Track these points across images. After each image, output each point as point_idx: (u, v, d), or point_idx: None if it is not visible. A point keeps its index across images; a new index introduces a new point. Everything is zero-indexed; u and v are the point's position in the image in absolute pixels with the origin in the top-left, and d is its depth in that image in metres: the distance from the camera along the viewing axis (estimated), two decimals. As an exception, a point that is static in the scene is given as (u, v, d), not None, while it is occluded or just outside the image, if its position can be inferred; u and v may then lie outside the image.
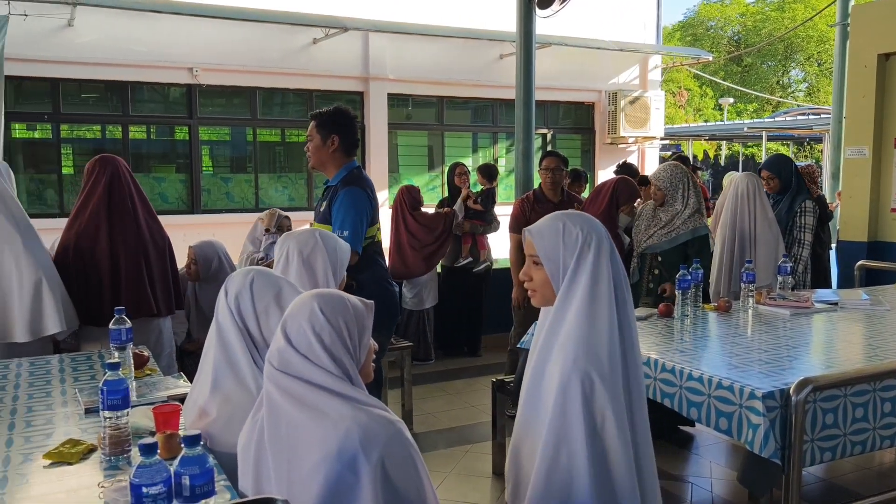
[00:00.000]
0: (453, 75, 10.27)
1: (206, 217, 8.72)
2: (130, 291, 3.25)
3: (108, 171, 3.31)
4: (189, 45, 8.60)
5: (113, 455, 1.89)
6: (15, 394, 2.48)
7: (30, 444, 2.03)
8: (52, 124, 8.54)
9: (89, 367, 2.80)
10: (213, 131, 9.45)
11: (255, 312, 2.03)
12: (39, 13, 7.60)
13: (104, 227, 3.25)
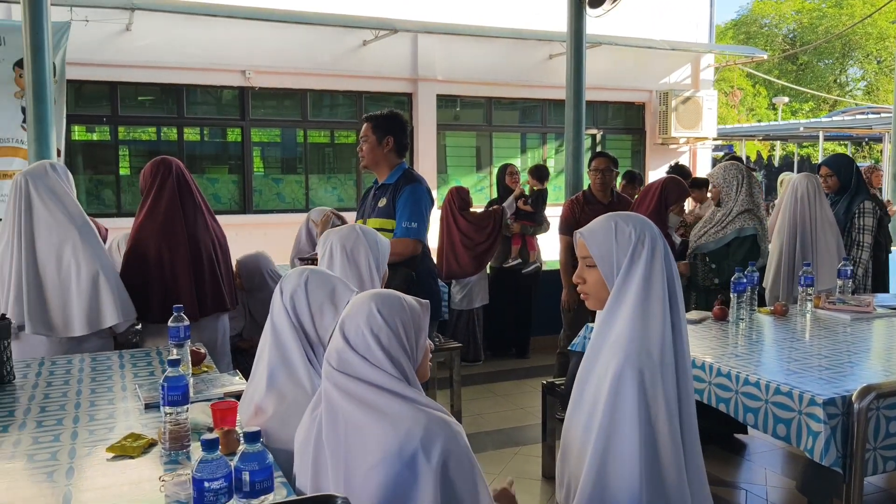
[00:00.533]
0: (502, 76, 10.25)
1: (258, 217, 8.86)
2: (209, 288, 3.32)
3: (173, 171, 3.39)
4: (242, 48, 8.75)
5: (173, 450, 1.93)
6: (78, 388, 2.55)
7: (93, 437, 2.09)
8: (110, 126, 8.77)
9: (148, 364, 2.86)
10: (264, 133, 9.60)
11: (311, 311, 2.05)
12: (99, 19, 7.81)
13: (180, 226, 3.33)
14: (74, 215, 3.15)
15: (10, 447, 2.01)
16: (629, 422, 1.66)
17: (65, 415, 2.28)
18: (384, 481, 1.56)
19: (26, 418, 2.25)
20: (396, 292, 1.76)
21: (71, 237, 3.08)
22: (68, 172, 3.33)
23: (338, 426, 1.66)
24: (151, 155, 9.32)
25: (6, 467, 1.89)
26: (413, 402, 1.60)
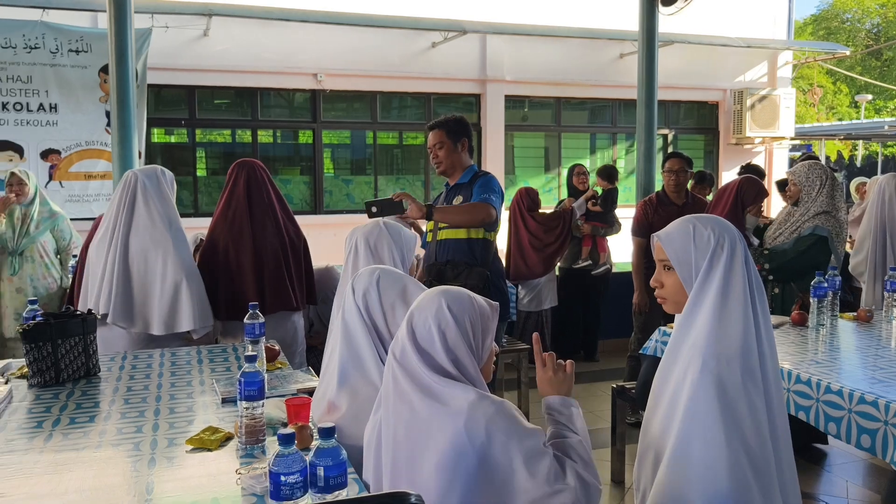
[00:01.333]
0: (571, 75, 10.15)
1: (328, 217, 9.01)
2: (273, 287, 3.41)
3: (245, 173, 3.49)
4: (314, 51, 8.91)
5: (248, 444, 1.98)
6: (159, 382, 2.64)
7: (173, 429, 2.16)
8: (187, 129, 9.05)
9: (224, 360, 2.94)
10: (333, 134, 9.75)
11: (383, 309, 2.08)
12: (178, 25, 8.08)
13: (247, 227, 3.43)
14: (171, 221, 3.28)
15: (97, 437, 2.10)
16: (711, 428, 1.61)
17: (146, 407, 2.36)
18: (440, 472, 1.58)
19: (111, 409, 2.34)
20: (467, 291, 1.76)
21: (163, 242, 3.21)
22: (174, 181, 3.47)
23: (393, 419, 1.69)
24: (226, 156, 9.63)
25: (94, 455, 1.97)
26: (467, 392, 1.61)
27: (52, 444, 2.05)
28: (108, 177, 7.61)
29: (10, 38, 7.25)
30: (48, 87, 7.42)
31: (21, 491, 1.75)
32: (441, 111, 9.82)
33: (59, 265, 4.81)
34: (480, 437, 1.57)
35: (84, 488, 1.77)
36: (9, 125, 7.34)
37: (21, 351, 4.31)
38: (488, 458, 1.58)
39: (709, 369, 1.64)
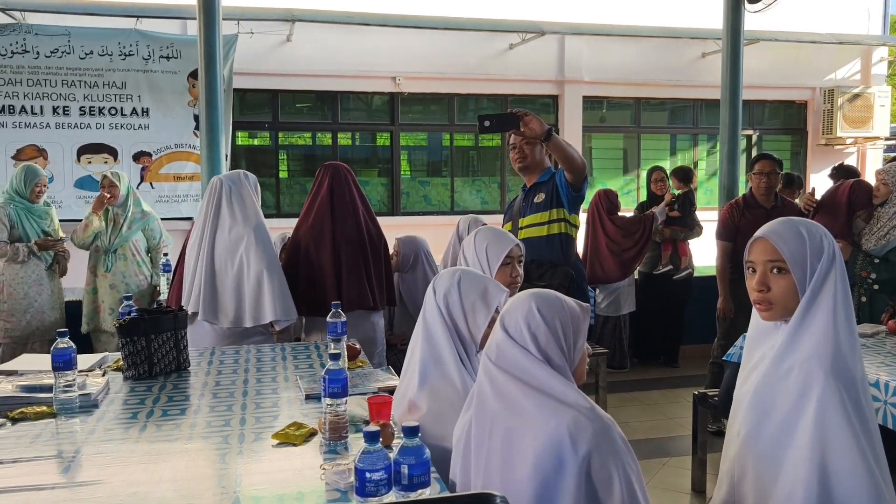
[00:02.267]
0: (651, 75, 9.95)
1: (405, 219, 9.10)
2: (351, 286, 3.48)
3: (329, 175, 3.59)
4: (392, 55, 9.02)
5: (332, 440, 2.01)
6: (245, 377, 2.72)
7: (260, 423, 2.22)
8: (270, 132, 9.29)
9: (307, 357, 3.01)
10: (410, 136, 9.84)
11: (464, 310, 2.09)
12: (263, 31, 8.30)
13: (328, 227, 3.52)
14: (253, 219, 3.39)
15: (188, 429, 2.18)
16: (846, 442, 1.55)
17: (234, 401, 2.44)
18: (534, 473, 1.57)
19: (200, 403, 2.42)
20: (556, 293, 1.75)
21: (244, 238, 3.32)
22: (258, 184, 3.60)
23: (489, 423, 1.69)
24: (307, 159, 9.83)
25: (185, 447, 2.04)
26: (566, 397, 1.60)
27: (146, 435, 2.14)
28: (195, 178, 7.89)
29: (107, 46, 7.60)
30: (141, 93, 7.75)
31: (119, 478, 1.83)
32: (518, 113, 9.77)
33: (149, 263, 5.00)
34: (584, 445, 1.56)
35: (177, 478, 1.84)
36: (104, 129, 7.69)
37: (115, 343, 4.54)
38: (588, 468, 1.56)
39: (834, 383, 1.57)
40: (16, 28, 7.39)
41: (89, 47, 7.56)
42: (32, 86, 7.47)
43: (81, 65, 7.57)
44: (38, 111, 7.52)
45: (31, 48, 7.42)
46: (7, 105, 7.44)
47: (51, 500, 1.72)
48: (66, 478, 1.87)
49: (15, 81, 7.43)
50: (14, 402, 2.33)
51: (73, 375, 2.33)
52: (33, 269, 4.61)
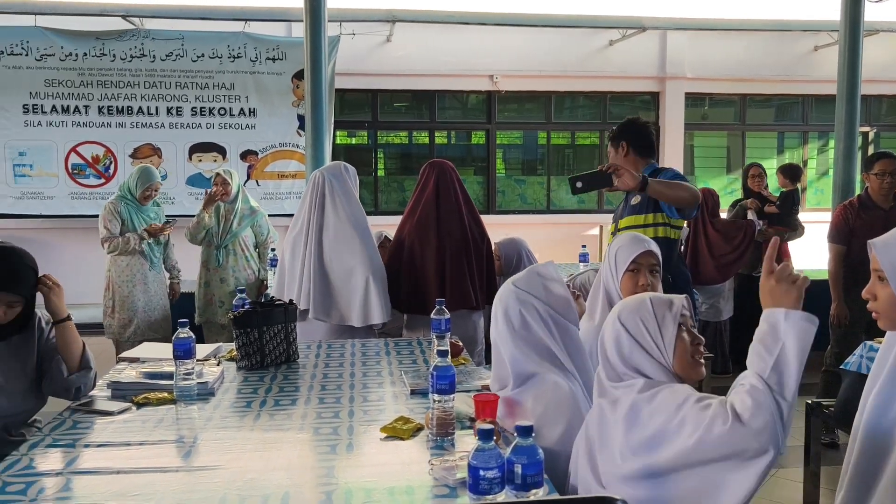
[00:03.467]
0: (757, 71, 9.57)
1: (501, 217, 9.08)
2: (454, 285, 3.49)
3: (435, 173, 3.60)
4: (490, 53, 9.01)
5: (439, 436, 2.03)
6: (351, 371, 2.78)
7: (367, 416, 2.27)
8: (368, 131, 9.46)
9: (410, 353, 3.05)
10: (504, 134, 9.81)
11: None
12: (364, 32, 8.46)
13: (433, 225, 3.53)
14: (358, 218, 3.47)
15: (299, 419, 2.25)
16: None
17: (341, 394, 2.49)
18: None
19: (310, 394, 2.49)
20: (647, 293, 1.76)
21: (352, 241, 3.40)
22: (356, 176, 3.66)
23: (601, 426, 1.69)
24: (404, 157, 9.94)
25: (297, 437, 2.11)
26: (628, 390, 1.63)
27: (260, 424, 2.22)
28: (298, 176, 8.12)
29: (217, 49, 7.92)
30: (248, 93, 8.04)
31: (236, 465, 1.91)
32: (616, 110, 9.61)
33: (257, 258, 5.16)
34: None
35: (290, 467, 1.90)
36: (214, 128, 8.03)
37: (224, 335, 4.71)
38: None
39: None
40: (135, 34, 7.80)
41: (201, 50, 7.91)
42: (149, 88, 7.87)
43: (193, 67, 7.92)
44: (153, 112, 7.92)
45: (148, 52, 7.82)
46: (126, 106, 7.87)
47: (175, 482, 1.80)
48: (188, 462, 1.96)
49: (133, 84, 7.85)
50: (138, 388, 2.46)
51: (192, 364, 2.45)
52: (138, 267, 4.77)
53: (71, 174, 7.84)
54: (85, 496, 1.73)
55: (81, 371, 2.43)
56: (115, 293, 4.74)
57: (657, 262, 2.55)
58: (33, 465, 1.91)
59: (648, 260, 2.52)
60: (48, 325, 2.44)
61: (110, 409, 2.30)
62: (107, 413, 2.28)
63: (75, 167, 7.84)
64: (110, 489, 1.76)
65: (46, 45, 7.66)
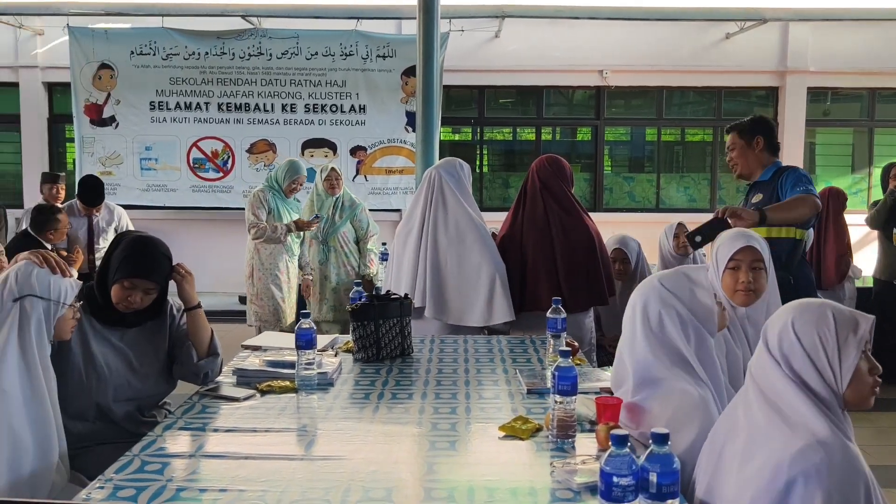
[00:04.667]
0: (889, 63, 8.98)
1: (608, 215, 8.88)
2: (565, 285, 3.41)
3: (548, 169, 3.53)
4: (600, 48, 8.84)
5: (559, 438, 1.99)
6: (466, 367, 2.77)
7: (484, 414, 2.25)
8: (473, 128, 9.47)
9: (524, 351, 3.02)
10: (610, 131, 9.61)
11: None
12: (473, 28, 8.47)
13: (543, 222, 3.47)
14: (474, 216, 3.45)
15: (417, 413, 2.25)
16: None
17: (457, 390, 2.49)
18: (768, 493, 1.48)
19: (426, 389, 2.50)
20: (828, 302, 1.60)
21: (473, 236, 3.38)
22: (470, 172, 3.65)
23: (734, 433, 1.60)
24: (507, 154, 9.89)
25: (417, 431, 2.11)
26: (808, 422, 1.48)
27: (379, 416, 2.24)
28: (405, 172, 8.23)
29: (330, 47, 8.12)
30: (358, 90, 8.20)
31: (359, 456, 1.93)
32: (730, 107, 9.25)
33: (357, 254, 5.15)
34: (809, 479, 1.43)
35: (411, 461, 1.90)
36: (325, 125, 8.24)
37: (324, 329, 4.78)
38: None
39: None
40: (253, 33, 8.10)
41: (315, 48, 8.12)
42: (265, 85, 8.16)
43: (307, 65, 8.15)
44: (269, 108, 8.20)
45: (265, 51, 8.10)
46: (244, 103, 8.18)
47: (300, 470, 1.84)
48: (311, 451, 2.00)
49: (250, 81, 8.16)
50: (262, 376, 2.53)
51: (313, 355, 2.50)
52: (280, 258, 4.89)
53: (192, 168, 8.22)
54: (216, 479, 1.79)
55: (209, 357, 2.52)
56: (258, 281, 4.88)
57: (761, 258, 2.42)
58: (168, 447, 2.00)
59: (750, 256, 2.41)
60: (179, 312, 2.55)
61: (236, 395, 2.38)
62: (233, 399, 2.36)
63: (196, 161, 8.22)
64: (240, 474, 1.81)
65: (172, 45, 8.05)
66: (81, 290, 2.24)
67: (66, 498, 1.90)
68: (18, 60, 8.59)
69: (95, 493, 1.71)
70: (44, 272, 2.11)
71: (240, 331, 4.94)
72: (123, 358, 2.40)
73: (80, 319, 2.26)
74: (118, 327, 2.42)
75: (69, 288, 2.16)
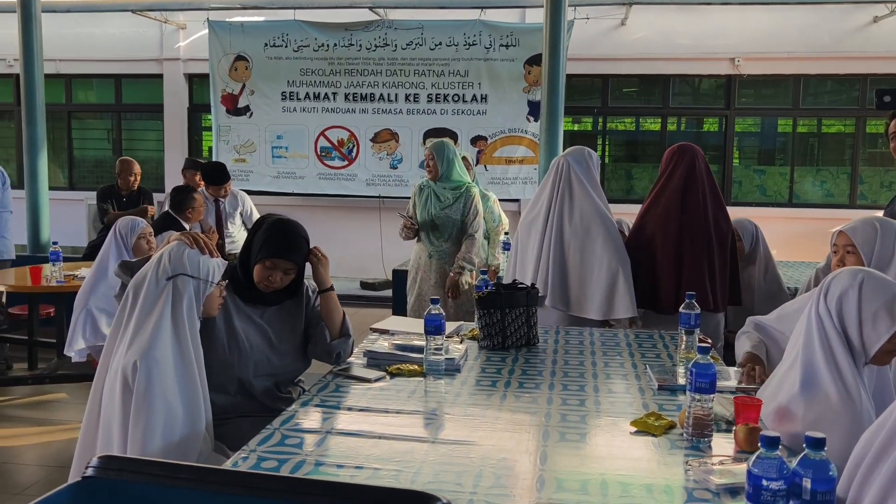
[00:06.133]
0: None
1: (738, 210, 8.43)
2: (690, 284, 3.24)
3: (686, 160, 3.38)
4: (732, 35, 8.47)
5: (694, 436, 1.93)
6: (592, 360, 2.73)
7: (614, 408, 2.21)
8: (594, 117, 9.29)
9: (652, 346, 2.94)
10: (740, 122, 9.19)
11: (860, 317, 1.86)
12: (598, 16, 8.31)
13: (675, 217, 3.33)
14: (601, 207, 3.37)
15: (545, 404, 2.24)
16: None
17: (585, 382, 2.46)
18: None
19: (553, 380, 2.48)
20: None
21: (597, 230, 3.31)
22: (599, 162, 3.57)
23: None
24: (629, 145, 9.66)
25: (546, 422, 2.09)
26: None
27: (507, 404, 2.24)
28: (525, 162, 8.19)
29: (454, 37, 8.17)
30: (481, 80, 8.22)
31: (489, 442, 1.94)
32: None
33: (487, 245, 5.13)
34: None
35: (541, 451, 1.89)
36: (448, 114, 8.32)
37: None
38: None
39: None
40: (379, 24, 8.27)
41: (438, 39, 8.20)
42: (390, 76, 8.32)
43: (431, 55, 8.24)
44: (393, 98, 8.36)
45: (391, 42, 8.25)
46: (368, 93, 8.38)
47: (432, 452, 1.87)
48: (442, 434, 2.02)
49: (376, 72, 8.34)
50: (391, 359, 2.59)
51: (442, 340, 2.53)
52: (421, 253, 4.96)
53: (319, 156, 8.51)
54: (352, 456, 1.84)
55: (342, 338, 2.60)
56: (410, 272, 4.97)
57: (850, 242, 2.52)
58: (305, 422, 2.08)
59: (842, 241, 2.55)
60: (314, 293, 2.64)
61: (368, 376, 2.45)
62: (364, 380, 2.43)
63: (323, 150, 8.50)
64: (373, 452, 1.86)
65: (303, 38, 8.34)
66: (226, 269, 2.36)
67: (212, 465, 2.01)
68: (163, 53, 9.15)
69: (241, 463, 1.80)
70: (194, 252, 2.24)
71: (361, 314, 5.08)
72: (263, 335, 2.52)
73: (225, 298, 2.38)
74: (258, 306, 2.54)
75: (216, 267, 2.28)
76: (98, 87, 9.87)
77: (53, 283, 4.47)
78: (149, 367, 2.06)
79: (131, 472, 1.07)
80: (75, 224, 8.73)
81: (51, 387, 4.87)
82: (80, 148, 9.95)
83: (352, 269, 8.23)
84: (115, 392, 2.10)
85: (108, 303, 3.79)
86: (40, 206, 6.68)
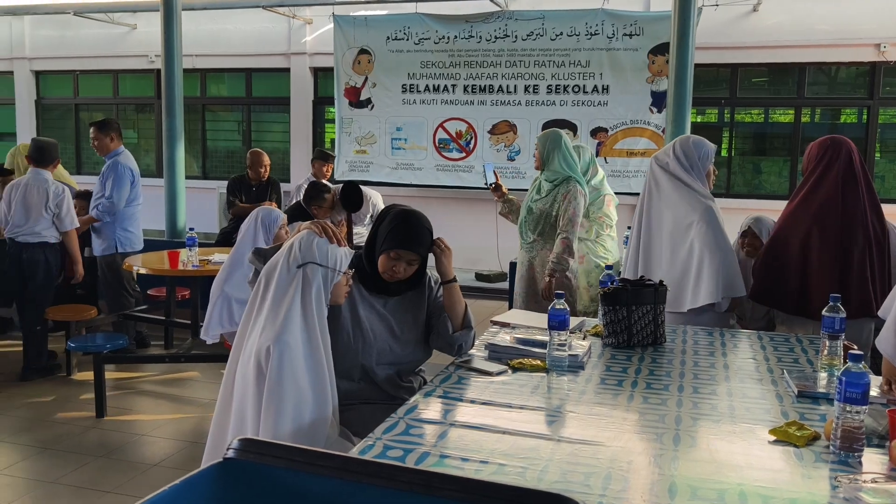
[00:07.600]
0: None
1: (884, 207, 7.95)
2: (854, 289, 3.00)
3: (842, 155, 3.11)
4: (877, 19, 7.88)
5: (843, 450, 1.80)
6: (724, 361, 2.60)
7: (750, 414, 2.09)
8: (720, 108, 8.87)
9: (789, 350, 2.77)
10: (884, 112, 8.54)
11: None
12: (728, 2, 7.93)
13: (836, 217, 3.07)
14: (694, 196, 3.24)
15: (675, 406, 2.15)
16: None
17: (716, 385, 2.34)
18: None
19: (682, 381, 2.38)
20: None
21: (687, 216, 3.21)
22: (711, 151, 3.38)
23: None
24: (757, 138, 9.20)
25: (674, 425, 2.00)
26: None
27: (634, 405, 2.17)
28: (647, 154, 7.94)
29: (575, 27, 8.02)
30: (602, 70, 8.03)
31: (617, 444, 1.87)
32: None
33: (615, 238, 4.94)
34: None
35: (673, 456, 1.81)
36: (567, 105, 8.18)
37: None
38: None
39: None
40: (500, 15, 8.22)
41: (559, 29, 8.07)
42: (509, 67, 8.27)
43: (551, 46, 8.13)
44: (511, 90, 8.30)
45: (511, 33, 8.19)
46: (488, 85, 8.36)
47: (558, 451, 1.82)
48: (568, 433, 1.97)
49: (495, 64, 8.31)
50: (513, 353, 2.56)
51: (566, 336, 2.48)
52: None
53: (437, 148, 8.58)
54: (476, 450, 1.82)
55: (464, 330, 2.59)
56: None
57: None
58: (430, 413, 2.08)
59: None
60: (436, 284, 2.64)
61: (489, 369, 2.43)
62: (486, 373, 2.41)
63: (441, 142, 8.56)
64: (498, 448, 1.84)
65: (424, 30, 8.42)
66: (352, 258, 2.39)
67: (338, 450, 2.05)
68: (290, 48, 9.46)
69: (368, 451, 1.82)
70: (323, 241, 2.29)
71: (477, 306, 5.07)
72: (386, 324, 2.54)
73: (351, 286, 2.42)
74: (382, 295, 2.57)
75: (343, 256, 2.32)
76: (230, 80, 10.34)
77: (190, 268, 4.71)
78: (281, 352, 2.12)
79: (273, 457, 1.09)
80: (207, 211, 9.19)
81: (185, 365, 5.15)
82: (213, 139, 10.46)
83: (467, 261, 8.25)
84: (248, 375, 2.17)
85: (243, 290, 3.94)
86: (177, 193, 7.06)
